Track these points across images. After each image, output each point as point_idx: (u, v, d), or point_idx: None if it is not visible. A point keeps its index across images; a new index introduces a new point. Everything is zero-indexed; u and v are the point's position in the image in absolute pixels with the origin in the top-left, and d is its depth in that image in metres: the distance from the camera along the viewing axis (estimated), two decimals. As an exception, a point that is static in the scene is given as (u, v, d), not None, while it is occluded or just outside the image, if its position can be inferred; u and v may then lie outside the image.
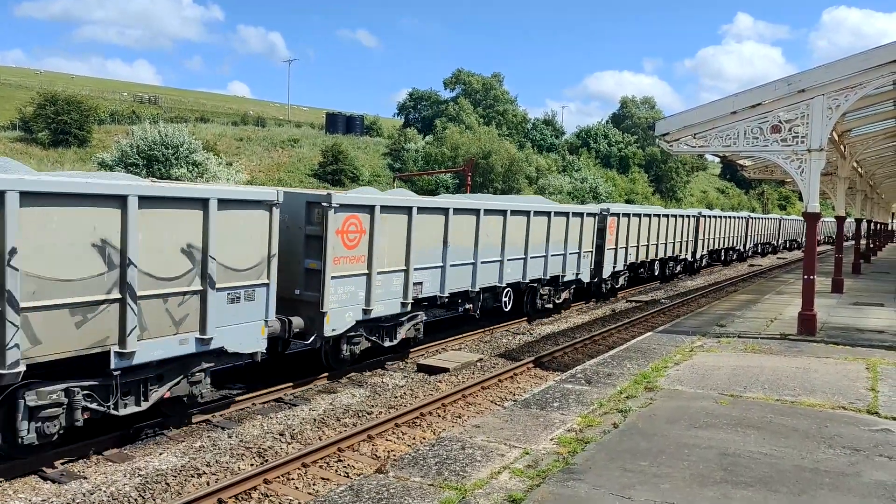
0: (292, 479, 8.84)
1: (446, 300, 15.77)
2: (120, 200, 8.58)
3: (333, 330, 12.50)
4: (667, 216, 30.86)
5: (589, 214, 22.53)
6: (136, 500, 8.10)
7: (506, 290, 18.36)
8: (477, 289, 16.73)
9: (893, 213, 72.15)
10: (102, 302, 8.52)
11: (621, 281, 26.59)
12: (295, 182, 58.43)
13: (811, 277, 14.98)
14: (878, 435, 8.43)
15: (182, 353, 9.59)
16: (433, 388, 13.28)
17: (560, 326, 20.35)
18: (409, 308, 14.34)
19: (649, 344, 14.49)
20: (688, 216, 34.01)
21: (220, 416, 11.02)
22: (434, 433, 10.60)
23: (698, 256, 35.63)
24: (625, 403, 9.61)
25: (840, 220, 25.49)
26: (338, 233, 12.29)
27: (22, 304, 7.73)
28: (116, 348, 8.71)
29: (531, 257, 18.96)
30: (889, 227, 73.27)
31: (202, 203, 9.58)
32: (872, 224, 46.53)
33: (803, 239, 40.67)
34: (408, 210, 14.01)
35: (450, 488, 6.77)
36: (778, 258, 54.37)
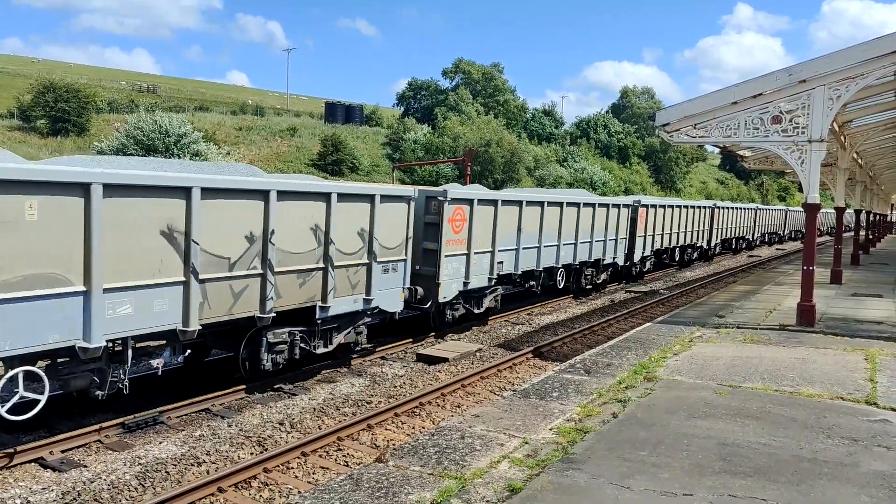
0: (292, 467, 8.86)
1: (518, 277, 19.11)
2: (326, 196, 11.87)
3: (444, 298, 15.77)
4: (687, 207, 32.82)
5: (624, 206, 25.59)
6: (136, 488, 8.11)
7: (559, 270, 21.24)
8: (541, 268, 19.70)
9: (893, 205, 72.17)
10: (313, 269, 11.84)
11: (648, 265, 28.93)
12: (294, 172, 58.29)
13: (810, 268, 14.98)
14: (876, 425, 8.45)
15: (355, 309, 12.97)
16: (432, 377, 13.30)
17: (559, 317, 20.37)
18: (492, 283, 17.56)
19: (648, 334, 14.51)
20: (704, 207, 35.76)
21: (220, 405, 11.04)
22: (433, 422, 10.62)
23: (713, 244, 38.37)
24: (624, 393, 9.63)
25: (840, 211, 25.47)
26: (449, 221, 15.52)
27: (276, 269, 10.95)
28: (320, 303, 12.06)
29: (580, 242, 21.91)
30: (888, 219, 73.24)
31: (370, 198, 12.90)
32: (872, 215, 46.48)
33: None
34: (494, 202, 17.26)
35: (449, 477, 6.79)
36: (777, 249, 54.41)
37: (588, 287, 23.63)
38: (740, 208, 44.78)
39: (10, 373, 8.11)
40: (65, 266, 8.22)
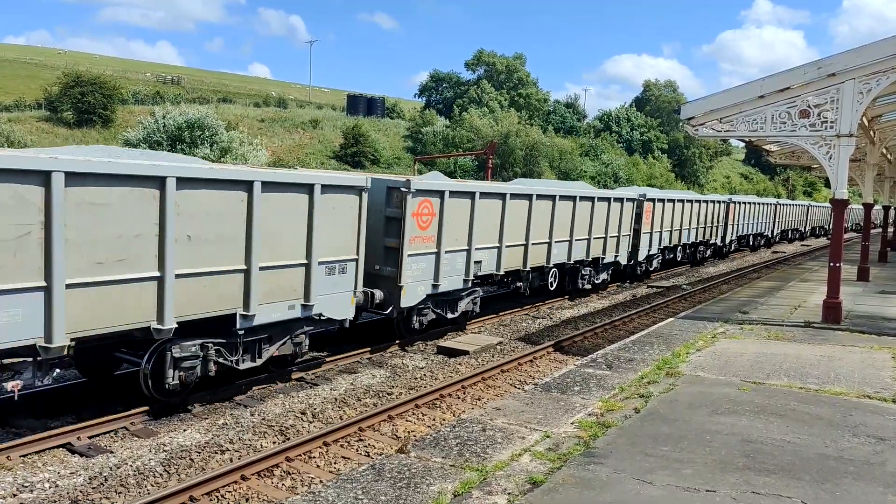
0: (314, 457, 8.93)
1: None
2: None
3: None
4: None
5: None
6: (161, 474, 8.23)
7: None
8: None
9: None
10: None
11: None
12: (316, 164, 58.52)
13: (837, 265, 14.77)
14: (903, 424, 8.33)
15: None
16: (453, 370, 13.32)
17: (580, 311, 20.29)
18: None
19: (671, 329, 14.41)
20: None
21: (244, 395, 11.16)
22: (454, 415, 10.65)
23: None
24: (646, 389, 9.58)
25: (867, 208, 25.06)
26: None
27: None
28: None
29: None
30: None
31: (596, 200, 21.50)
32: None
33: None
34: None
35: (471, 469, 6.81)
36: (802, 245, 53.71)
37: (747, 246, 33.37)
38: (796, 205, 35.46)
39: None
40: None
